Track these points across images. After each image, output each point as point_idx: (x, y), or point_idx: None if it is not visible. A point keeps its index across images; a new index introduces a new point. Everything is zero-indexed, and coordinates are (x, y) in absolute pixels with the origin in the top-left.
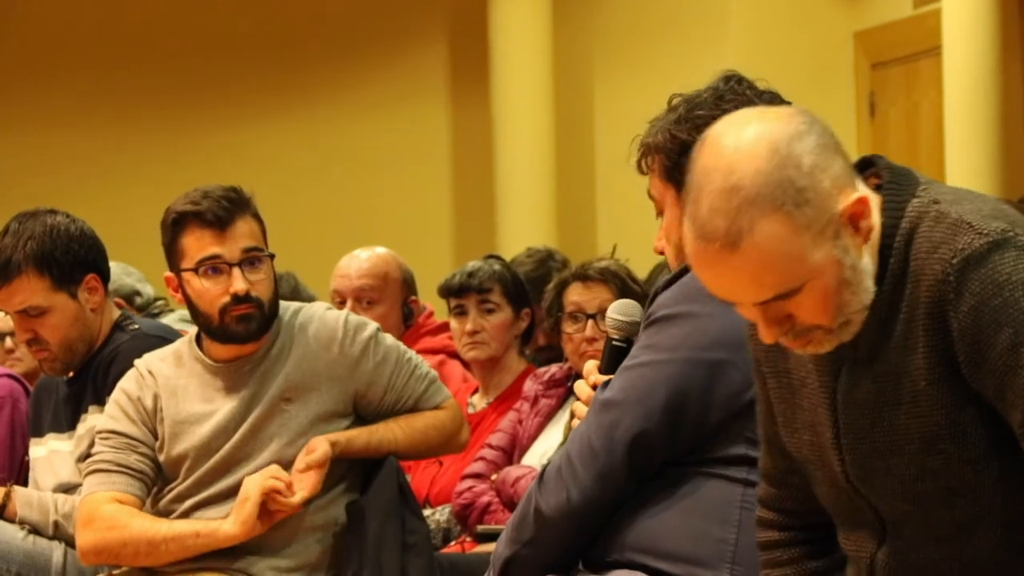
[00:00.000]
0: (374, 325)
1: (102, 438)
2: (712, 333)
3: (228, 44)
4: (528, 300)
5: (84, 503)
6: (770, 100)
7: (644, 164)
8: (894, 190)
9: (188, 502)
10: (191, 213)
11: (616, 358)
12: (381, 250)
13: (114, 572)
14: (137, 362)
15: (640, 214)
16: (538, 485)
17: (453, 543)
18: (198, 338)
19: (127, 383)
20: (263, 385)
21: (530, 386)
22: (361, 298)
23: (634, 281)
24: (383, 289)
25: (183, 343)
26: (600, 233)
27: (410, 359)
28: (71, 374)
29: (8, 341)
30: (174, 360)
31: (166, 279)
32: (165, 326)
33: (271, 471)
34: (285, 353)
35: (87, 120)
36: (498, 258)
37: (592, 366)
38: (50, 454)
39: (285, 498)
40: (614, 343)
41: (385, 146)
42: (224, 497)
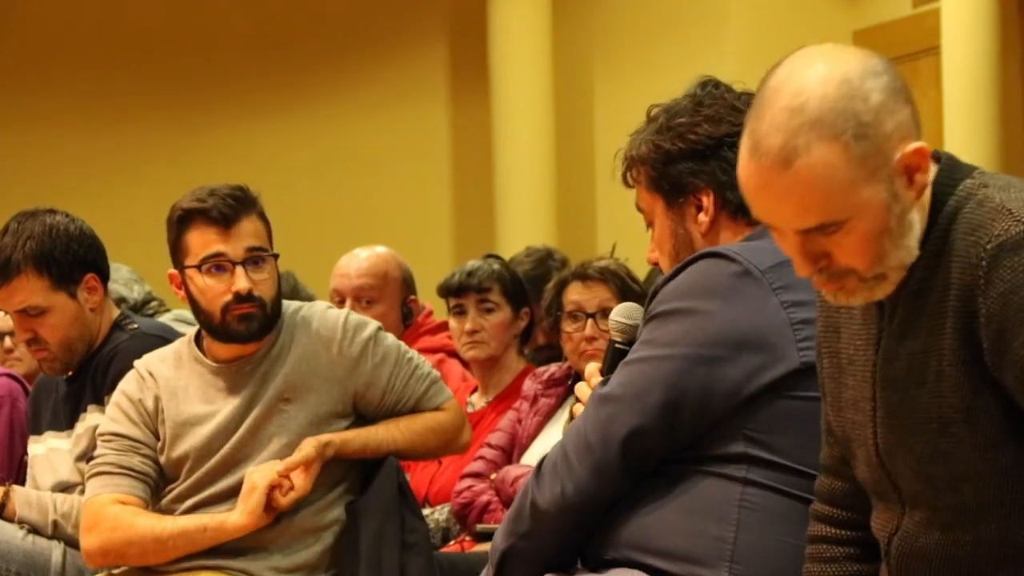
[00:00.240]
0: (375, 325)
1: (104, 441)
2: (711, 330)
3: (228, 44)
4: (527, 299)
5: (88, 506)
6: (748, 101)
7: (629, 177)
8: (949, 168)
9: (188, 502)
10: (197, 210)
11: (618, 360)
12: (381, 249)
13: (114, 572)
14: (137, 363)
15: (640, 214)
16: (535, 478)
17: (452, 542)
18: (197, 338)
19: (127, 385)
20: (263, 385)
21: (529, 385)
22: (360, 297)
23: (633, 280)
24: (382, 288)
25: (182, 343)
26: (600, 232)
27: (411, 359)
28: (70, 373)
29: (7, 341)
30: (174, 361)
31: (169, 276)
32: (164, 325)
33: (276, 464)
34: (285, 353)
35: (87, 120)
36: (497, 257)
37: (594, 368)
38: (49, 452)
39: (283, 494)
40: (616, 345)
41: (385, 145)
42: (224, 497)
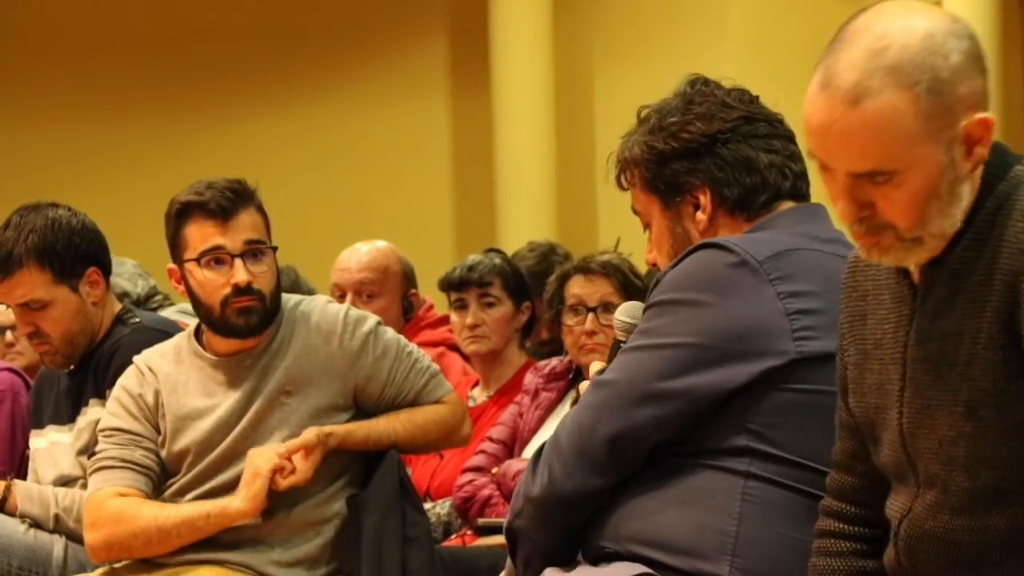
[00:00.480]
0: (374, 319)
1: (105, 436)
2: (707, 321)
3: (228, 39)
4: (528, 293)
5: (90, 501)
6: (739, 97)
7: (623, 179)
8: (999, 152)
9: (190, 495)
10: (195, 203)
11: None
12: (381, 243)
13: (115, 566)
14: (136, 359)
15: None
16: (531, 465)
17: (454, 536)
18: (197, 332)
19: (127, 380)
20: (263, 379)
21: (530, 379)
22: (361, 291)
23: (635, 275)
24: (383, 283)
25: (182, 338)
26: (601, 226)
27: (411, 353)
28: (72, 367)
29: (9, 335)
30: (174, 355)
31: (169, 271)
32: (166, 319)
33: (277, 447)
34: (285, 347)
35: (87, 115)
36: (498, 251)
37: (599, 367)
38: (51, 446)
39: (283, 477)
40: (621, 344)
41: (386, 140)
42: (226, 490)
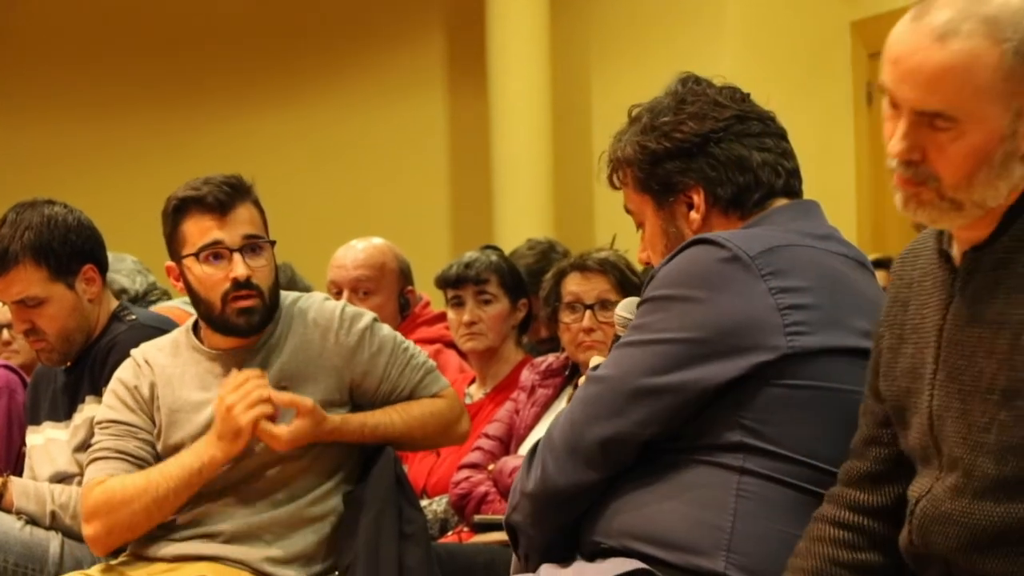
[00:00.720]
0: (370, 315)
1: (101, 428)
2: (699, 317)
3: (225, 36)
4: (525, 290)
5: (83, 495)
6: (731, 95)
7: (616, 179)
8: None
9: None
10: (192, 199)
11: None
12: (378, 241)
13: (112, 562)
14: (134, 352)
15: None
16: (527, 460)
17: (450, 533)
18: (195, 327)
19: (124, 372)
20: None
21: (527, 376)
22: (358, 289)
23: (632, 272)
24: (379, 280)
25: (180, 332)
26: (598, 224)
27: (407, 349)
28: (69, 364)
29: (5, 333)
30: (171, 349)
31: (167, 268)
32: (163, 316)
33: (261, 391)
34: (282, 342)
35: (84, 112)
36: (495, 248)
37: (598, 361)
38: (47, 442)
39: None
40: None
41: (382, 137)
42: (220, 484)
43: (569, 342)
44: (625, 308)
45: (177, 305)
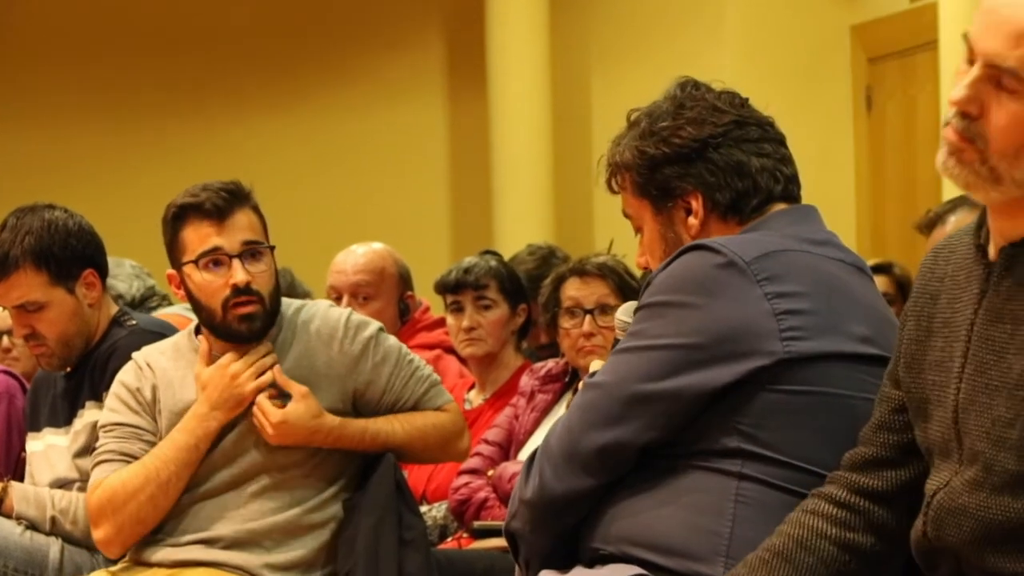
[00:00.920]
0: (376, 325)
1: (105, 431)
2: (695, 323)
3: (225, 40)
4: (524, 296)
5: (87, 499)
6: (729, 100)
7: (614, 183)
8: None
9: (185, 496)
10: (190, 206)
11: None
12: (377, 246)
13: (112, 568)
14: (135, 355)
15: None
16: (525, 468)
17: (450, 539)
18: (198, 331)
19: (125, 375)
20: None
21: (526, 381)
22: (357, 294)
23: (631, 276)
24: (379, 285)
25: (181, 336)
26: (597, 228)
27: (411, 361)
28: (68, 369)
29: (5, 340)
30: (172, 353)
31: (168, 276)
32: (163, 322)
33: (263, 362)
34: (285, 349)
35: (84, 116)
36: (494, 254)
37: (598, 366)
38: (47, 448)
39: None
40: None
41: (382, 141)
42: (221, 491)
43: (569, 347)
44: (625, 312)
45: (177, 312)
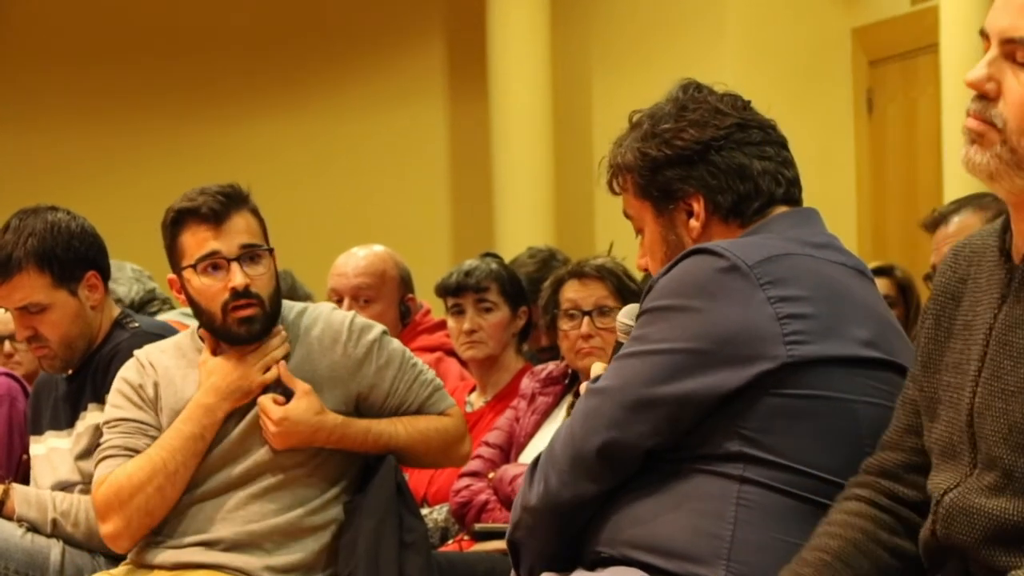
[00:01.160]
0: (380, 328)
1: (109, 427)
2: (698, 327)
3: (226, 42)
4: (525, 298)
5: (92, 494)
6: (732, 103)
7: (616, 184)
8: None
9: (186, 496)
10: (187, 210)
11: None
12: (378, 248)
13: (113, 572)
14: (137, 352)
15: None
16: (528, 474)
17: (451, 541)
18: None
19: (127, 372)
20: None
21: (527, 384)
22: (358, 296)
23: (630, 279)
24: (380, 287)
25: (184, 335)
26: (598, 231)
27: (415, 365)
28: (70, 372)
29: (7, 345)
30: (174, 351)
31: (169, 281)
32: (165, 324)
33: (275, 353)
34: (289, 351)
35: (85, 118)
36: (495, 256)
37: (600, 368)
38: (49, 452)
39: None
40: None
41: (383, 143)
42: (221, 491)
43: (568, 349)
44: (627, 315)
45: (175, 318)
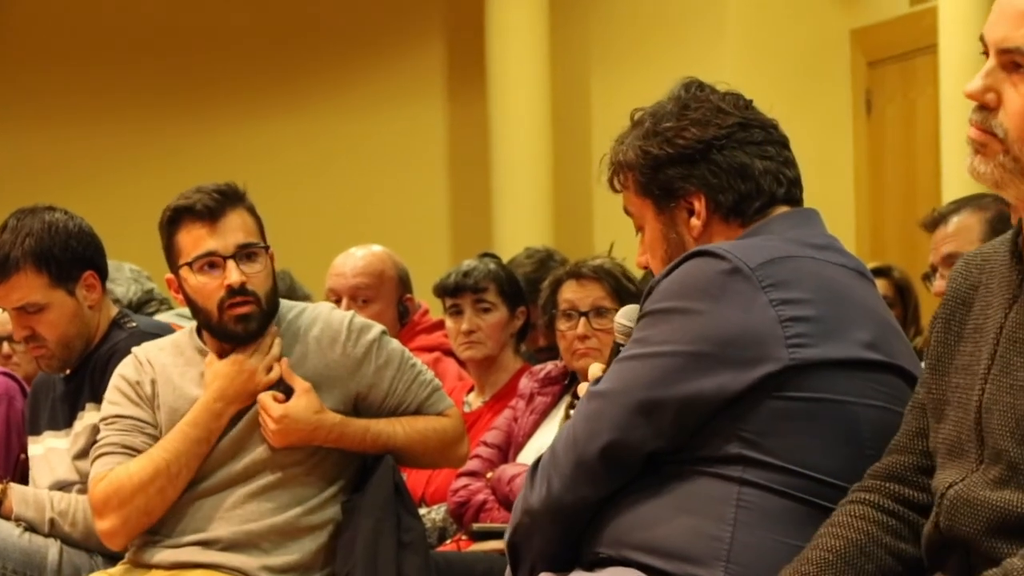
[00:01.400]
0: (379, 328)
1: (106, 424)
2: (699, 329)
3: (225, 42)
4: (523, 298)
5: (89, 491)
6: (734, 102)
7: (617, 182)
8: None
9: (184, 494)
10: (183, 208)
11: None
12: (377, 248)
13: (110, 570)
14: (135, 350)
15: None
16: (529, 477)
17: (449, 541)
18: (199, 330)
19: (125, 369)
20: None
21: (525, 384)
22: (357, 296)
23: (628, 279)
24: (378, 287)
25: (182, 334)
26: (597, 231)
27: (414, 365)
28: (68, 371)
29: (6, 346)
30: (172, 350)
31: (167, 281)
32: (163, 324)
33: (274, 352)
34: (288, 351)
35: (84, 118)
36: (493, 256)
37: (597, 369)
38: (47, 452)
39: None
40: (620, 348)
41: (382, 144)
42: (219, 488)
43: (565, 350)
44: (625, 316)
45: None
